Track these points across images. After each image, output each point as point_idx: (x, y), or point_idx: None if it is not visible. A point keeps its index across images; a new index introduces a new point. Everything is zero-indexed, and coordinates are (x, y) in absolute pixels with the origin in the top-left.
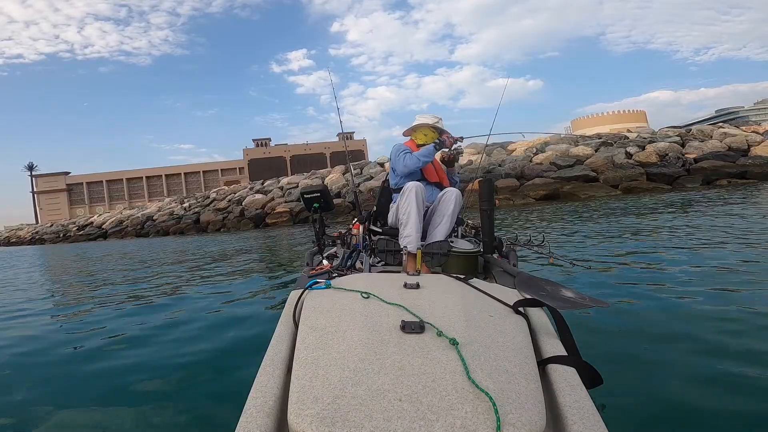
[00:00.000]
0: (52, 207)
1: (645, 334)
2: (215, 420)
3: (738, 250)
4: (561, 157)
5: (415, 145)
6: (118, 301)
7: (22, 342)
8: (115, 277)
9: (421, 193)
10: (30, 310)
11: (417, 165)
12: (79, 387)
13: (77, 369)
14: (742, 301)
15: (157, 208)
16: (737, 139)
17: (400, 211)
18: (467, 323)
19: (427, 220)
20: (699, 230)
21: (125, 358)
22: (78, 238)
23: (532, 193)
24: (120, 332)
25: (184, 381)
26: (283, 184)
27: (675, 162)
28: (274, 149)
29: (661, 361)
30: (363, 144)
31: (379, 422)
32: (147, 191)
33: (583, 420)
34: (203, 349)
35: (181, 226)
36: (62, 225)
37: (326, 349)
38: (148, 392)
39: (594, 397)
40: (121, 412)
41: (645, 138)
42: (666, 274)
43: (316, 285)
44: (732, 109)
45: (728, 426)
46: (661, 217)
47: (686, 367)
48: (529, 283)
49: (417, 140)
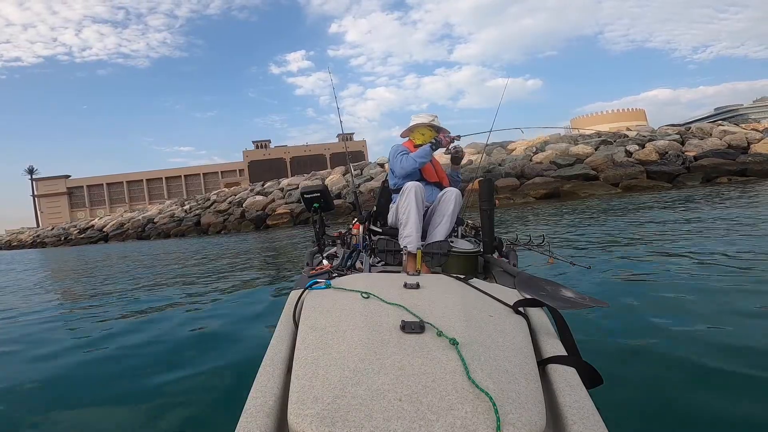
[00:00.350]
0: (52, 210)
1: (645, 334)
2: (215, 420)
3: (739, 248)
4: (561, 156)
5: (413, 146)
6: (118, 302)
7: (21, 342)
8: (116, 279)
9: (420, 193)
10: (31, 311)
11: (414, 166)
12: (78, 387)
13: (75, 369)
14: (743, 300)
15: (158, 210)
16: (737, 137)
17: (400, 211)
18: (467, 323)
19: (427, 220)
20: (699, 228)
21: (124, 358)
22: (79, 241)
23: (533, 192)
24: (118, 333)
25: (183, 381)
26: (283, 185)
27: (675, 160)
28: (273, 151)
29: (661, 360)
30: (363, 145)
31: (379, 422)
32: (147, 194)
33: (583, 420)
34: (203, 349)
35: (182, 229)
36: (63, 228)
37: (326, 349)
38: (147, 392)
39: (594, 397)
40: (121, 411)
41: (645, 136)
42: (666, 274)
43: (316, 285)
44: (731, 107)
45: (728, 426)
46: (661, 215)
47: (686, 366)
48: (529, 283)
49: (415, 140)
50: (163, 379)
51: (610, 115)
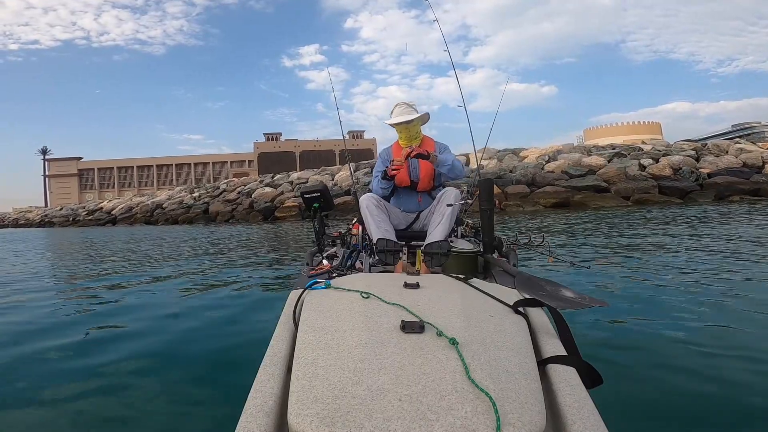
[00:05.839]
0: (62, 191)
1: (645, 334)
2: (215, 420)
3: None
4: (573, 166)
5: (399, 148)
6: (115, 295)
7: (13, 331)
8: (117, 268)
9: (372, 203)
10: (27, 297)
11: (380, 193)
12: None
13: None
14: (742, 301)
15: (167, 196)
16: (753, 156)
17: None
18: (467, 323)
19: (426, 221)
20: (701, 236)
21: (122, 356)
22: (87, 222)
23: (543, 200)
24: (117, 329)
25: (183, 380)
26: (293, 178)
27: (689, 176)
28: (284, 144)
29: (661, 360)
30: (372, 143)
31: (379, 422)
32: (156, 179)
33: (583, 420)
34: (203, 348)
35: (190, 216)
36: (72, 209)
37: (326, 348)
38: (146, 392)
39: (594, 397)
40: (120, 411)
41: (660, 150)
42: (666, 275)
43: (316, 285)
44: (749, 124)
45: (729, 426)
46: (666, 224)
47: (686, 366)
48: (529, 283)
49: (400, 141)
50: (162, 378)
51: (625, 127)
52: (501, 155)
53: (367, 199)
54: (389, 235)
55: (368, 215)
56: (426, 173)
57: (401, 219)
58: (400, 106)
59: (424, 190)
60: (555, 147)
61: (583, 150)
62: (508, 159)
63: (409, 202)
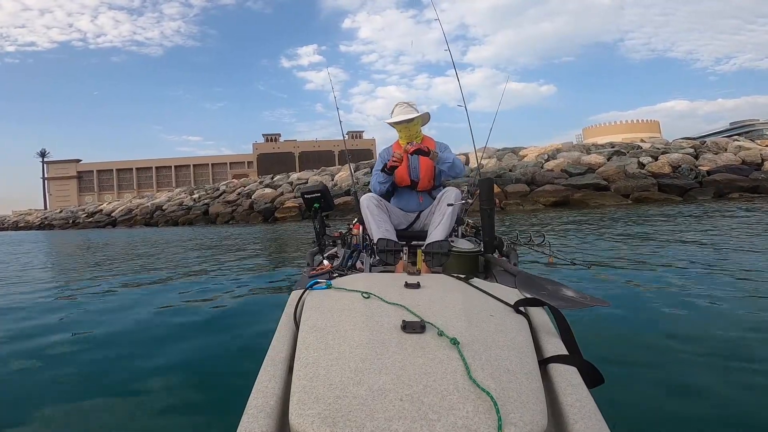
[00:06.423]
0: (61, 193)
1: (646, 333)
2: (216, 420)
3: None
4: (572, 165)
5: (399, 147)
6: (116, 296)
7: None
8: (117, 269)
9: (373, 202)
10: (27, 298)
11: (377, 190)
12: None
13: (74, 366)
14: (742, 301)
15: (167, 198)
16: (751, 153)
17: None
18: (468, 323)
19: (426, 221)
20: (702, 234)
21: (123, 357)
22: (87, 224)
23: (542, 199)
24: (117, 329)
25: (184, 381)
26: (292, 179)
27: (688, 174)
28: (283, 144)
29: (662, 360)
30: (372, 143)
31: (380, 422)
32: (156, 181)
33: (584, 419)
34: (203, 348)
35: (190, 217)
36: (71, 211)
37: (327, 349)
38: (146, 392)
39: (595, 397)
40: (120, 412)
41: (659, 148)
42: (667, 274)
43: (317, 285)
44: (747, 122)
45: (729, 425)
46: (666, 222)
47: (688, 366)
48: (530, 283)
49: (400, 140)
50: (163, 378)
51: (624, 125)
52: (500, 154)
53: (368, 199)
54: (390, 235)
55: (369, 215)
56: (426, 172)
57: (402, 219)
58: (401, 106)
59: (425, 189)
60: (554, 146)
61: (583, 148)
62: (508, 158)
63: (409, 201)
